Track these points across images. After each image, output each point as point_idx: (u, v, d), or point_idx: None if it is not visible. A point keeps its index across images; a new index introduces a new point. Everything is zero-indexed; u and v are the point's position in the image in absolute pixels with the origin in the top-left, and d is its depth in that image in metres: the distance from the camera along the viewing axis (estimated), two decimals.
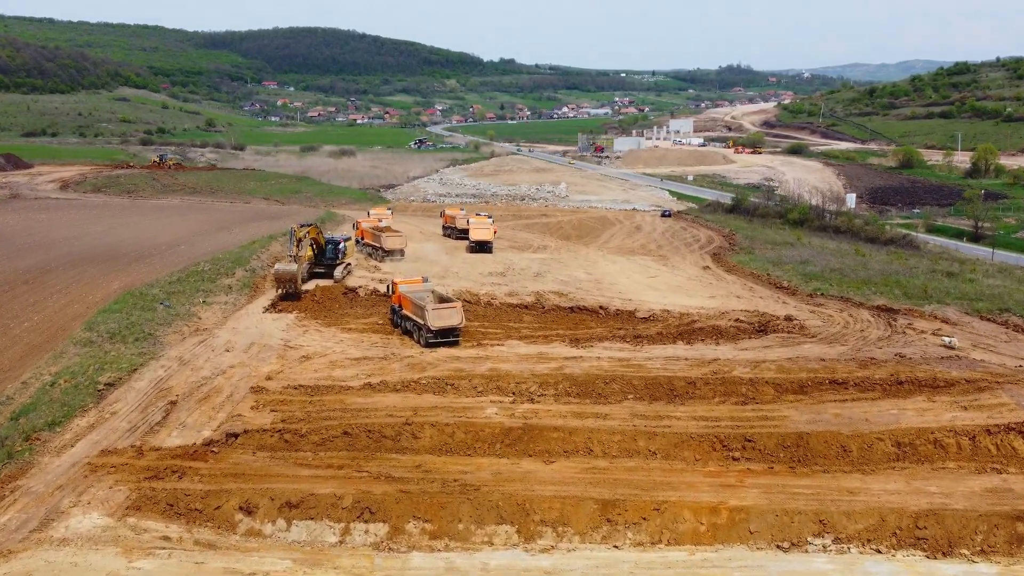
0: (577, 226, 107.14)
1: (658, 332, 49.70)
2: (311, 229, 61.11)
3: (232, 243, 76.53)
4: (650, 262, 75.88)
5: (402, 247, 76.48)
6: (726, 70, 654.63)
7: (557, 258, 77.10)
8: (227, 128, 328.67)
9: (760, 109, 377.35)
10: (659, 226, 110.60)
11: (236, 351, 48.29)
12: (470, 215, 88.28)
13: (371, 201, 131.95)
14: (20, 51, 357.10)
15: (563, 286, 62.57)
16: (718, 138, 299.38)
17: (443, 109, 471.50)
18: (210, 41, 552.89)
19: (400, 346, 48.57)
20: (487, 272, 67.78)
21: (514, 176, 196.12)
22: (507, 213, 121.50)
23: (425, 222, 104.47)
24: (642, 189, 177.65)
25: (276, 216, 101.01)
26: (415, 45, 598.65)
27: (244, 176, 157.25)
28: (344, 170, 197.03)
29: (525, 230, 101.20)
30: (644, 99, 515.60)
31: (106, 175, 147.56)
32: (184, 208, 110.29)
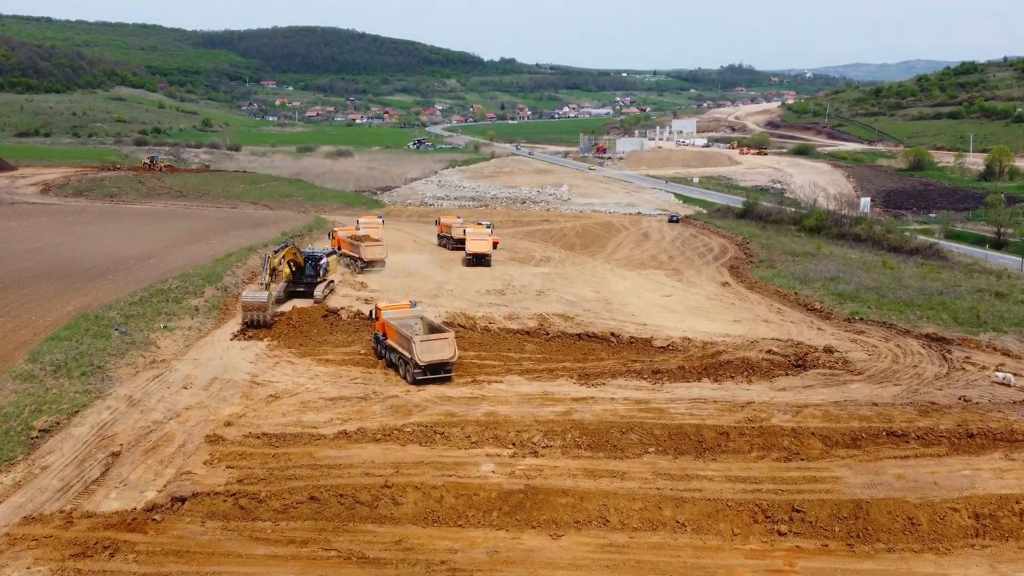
0: (581, 233, 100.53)
1: (679, 366, 43.04)
2: (288, 249, 54.42)
3: (208, 255, 69.95)
4: (663, 277, 69.19)
5: (383, 257, 70.32)
6: (728, 70, 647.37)
7: (561, 273, 70.49)
8: (224, 128, 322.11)
9: (764, 109, 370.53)
10: (668, 233, 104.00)
11: (195, 388, 41.75)
12: (467, 224, 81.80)
13: (365, 205, 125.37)
14: (15, 50, 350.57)
15: (569, 307, 55.95)
16: (722, 139, 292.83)
17: (443, 109, 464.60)
18: (208, 40, 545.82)
19: (383, 382, 41.97)
20: (485, 290, 61.18)
21: (514, 178, 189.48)
22: (507, 219, 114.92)
23: (420, 229, 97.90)
24: (646, 192, 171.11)
25: (261, 223, 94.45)
26: (415, 44, 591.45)
27: (234, 179, 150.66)
28: (340, 171, 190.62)
29: (526, 238, 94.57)
30: (646, 99, 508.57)
31: (91, 178, 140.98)
32: (165, 214, 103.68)
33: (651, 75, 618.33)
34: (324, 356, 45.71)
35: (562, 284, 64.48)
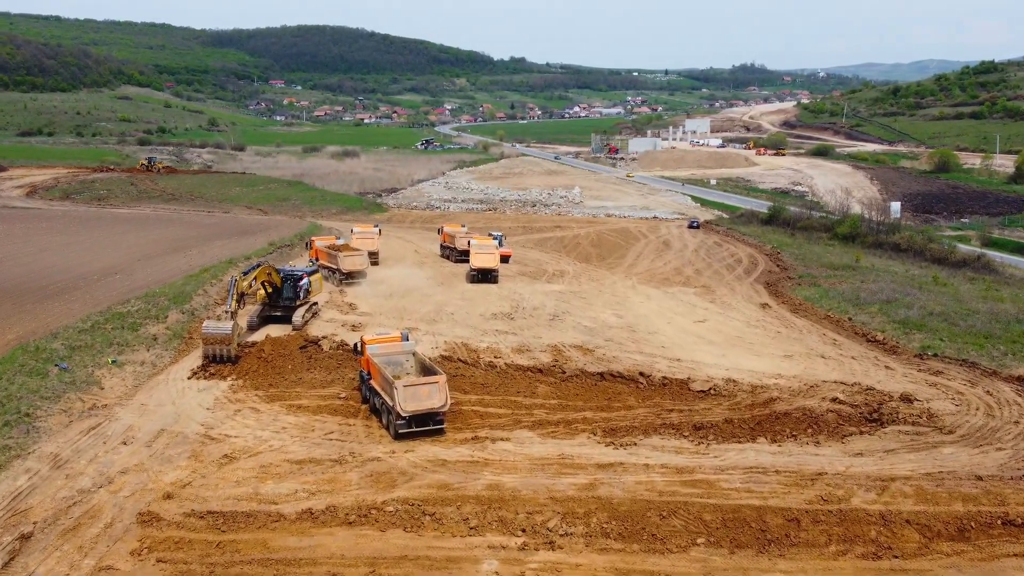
0: (597, 242, 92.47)
1: (726, 418, 34.99)
2: (260, 270, 46.45)
3: (182, 269, 62.24)
4: (693, 297, 60.98)
5: (363, 268, 63.26)
6: (739, 69, 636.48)
7: (577, 291, 62.40)
8: (229, 128, 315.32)
9: (779, 109, 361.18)
10: (689, 241, 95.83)
11: (137, 444, 34.03)
12: (472, 235, 73.96)
13: (366, 210, 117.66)
14: (20, 48, 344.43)
15: (588, 335, 47.95)
16: (736, 139, 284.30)
17: (452, 108, 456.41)
18: (217, 39, 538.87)
19: (364, 438, 34.09)
20: (491, 313, 53.19)
21: (524, 179, 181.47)
22: (516, 224, 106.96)
23: (423, 238, 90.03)
24: (662, 194, 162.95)
25: (251, 231, 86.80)
26: (425, 44, 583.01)
27: (232, 181, 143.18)
28: (345, 172, 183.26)
29: (537, 248, 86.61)
30: (657, 98, 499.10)
31: (81, 179, 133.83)
32: (150, 220, 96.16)
33: (662, 74, 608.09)
34: (296, 401, 37.84)
35: (579, 306, 56.43)
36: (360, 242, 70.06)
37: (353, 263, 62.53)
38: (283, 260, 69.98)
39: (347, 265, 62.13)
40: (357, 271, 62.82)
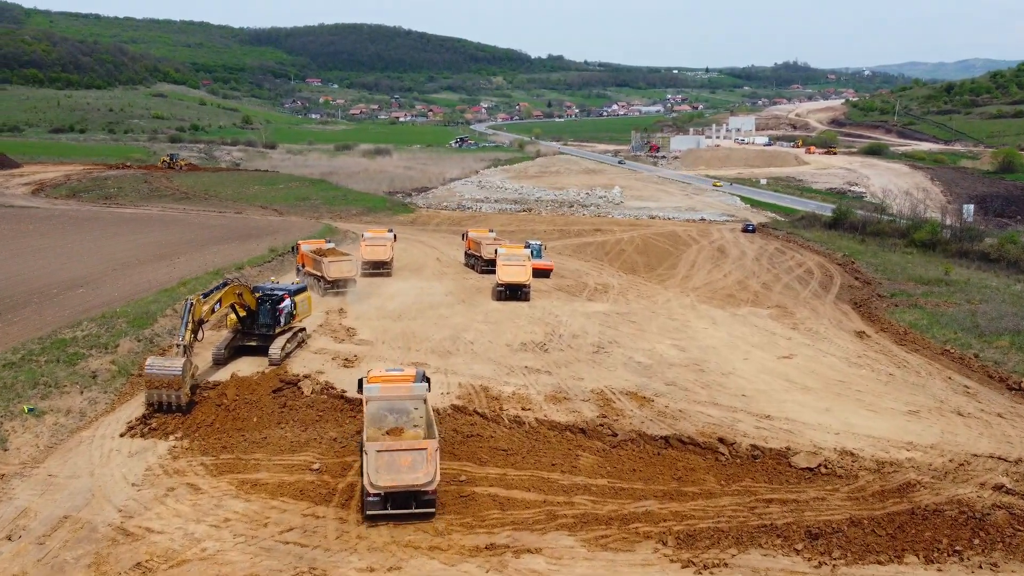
0: (643, 248, 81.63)
1: (851, 518, 24.15)
2: (227, 291, 35.97)
3: (159, 281, 52.67)
4: (768, 321, 49.62)
5: (351, 275, 54.22)
6: (782, 67, 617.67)
7: (626, 312, 51.26)
8: (262, 126, 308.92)
9: (827, 106, 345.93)
10: (747, 247, 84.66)
11: (26, 539, 24.19)
12: (500, 241, 63.48)
13: (389, 210, 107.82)
14: (57, 46, 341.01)
15: (643, 377, 37.17)
16: (783, 137, 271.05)
17: (489, 107, 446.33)
18: (255, 38, 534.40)
19: (333, 542, 23.78)
20: (519, 342, 42.54)
21: (561, 178, 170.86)
22: (552, 227, 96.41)
23: (449, 242, 79.81)
24: (708, 194, 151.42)
25: (256, 233, 77.27)
26: (462, 42, 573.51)
27: (252, 179, 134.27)
28: (376, 171, 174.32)
29: (575, 255, 75.98)
30: (698, 96, 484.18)
31: (93, 177, 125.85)
32: (151, 221, 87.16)
33: (703, 72, 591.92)
34: (253, 473, 27.68)
35: (629, 333, 45.47)
36: (370, 249, 59.96)
37: (339, 270, 52.98)
38: (283, 270, 60.16)
39: (333, 272, 52.59)
40: (344, 279, 53.42)
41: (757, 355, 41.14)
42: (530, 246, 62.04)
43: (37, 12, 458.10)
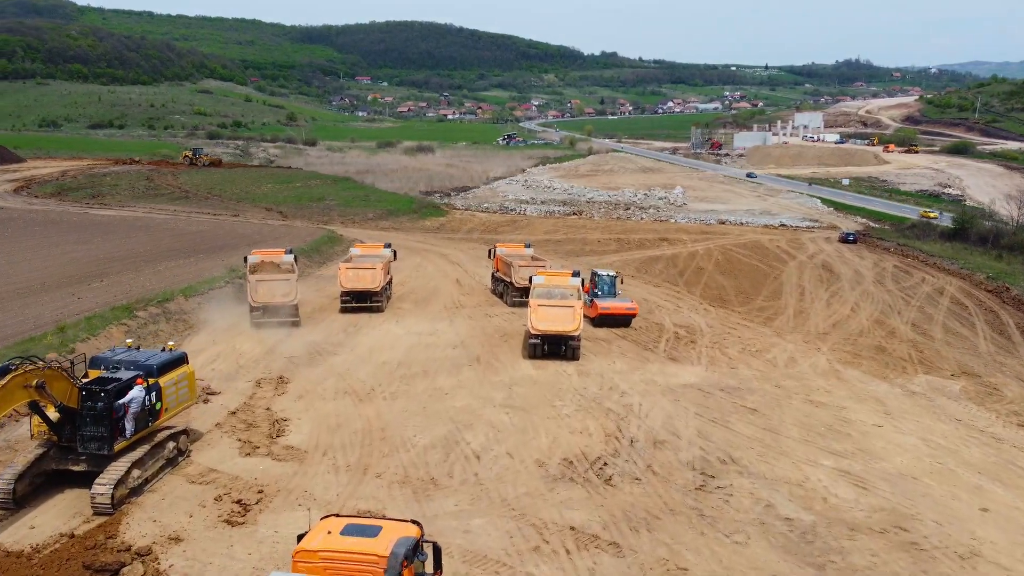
0: (725, 264, 62.50)
1: None
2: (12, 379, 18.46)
3: (40, 322, 35.27)
4: (972, 407, 29.67)
5: (287, 301, 38.54)
6: (843, 64, 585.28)
7: (735, 388, 31.25)
8: (307, 123, 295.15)
9: (899, 103, 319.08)
10: (858, 264, 65.17)
11: None
12: (539, 263, 45.12)
13: (416, 213, 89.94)
14: (103, 41, 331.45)
15: (803, 562, 18.44)
16: (856, 135, 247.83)
17: (539, 104, 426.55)
18: (306, 35, 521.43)
19: None
20: (559, 458, 23.50)
21: (615, 177, 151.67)
22: (607, 235, 77.95)
23: (478, 256, 61.51)
24: (783, 196, 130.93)
25: (231, 244, 59.93)
26: (513, 39, 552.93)
27: (268, 177, 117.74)
28: (415, 169, 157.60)
29: (640, 274, 57.17)
30: (757, 93, 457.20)
31: (92, 173, 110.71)
32: (121, 226, 70.71)
33: (762, 69, 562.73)
34: None
35: (751, 436, 25.63)
36: (352, 274, 41.63)
37: (268, 292, 36.31)
38: (233, 299, 42.23)
39: (260, 295, 36.20)
40: (274, 304, 37.39)
41: (998, 496, 21.82)
42: (599, 277, 44.30)
43: (90, 9, 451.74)
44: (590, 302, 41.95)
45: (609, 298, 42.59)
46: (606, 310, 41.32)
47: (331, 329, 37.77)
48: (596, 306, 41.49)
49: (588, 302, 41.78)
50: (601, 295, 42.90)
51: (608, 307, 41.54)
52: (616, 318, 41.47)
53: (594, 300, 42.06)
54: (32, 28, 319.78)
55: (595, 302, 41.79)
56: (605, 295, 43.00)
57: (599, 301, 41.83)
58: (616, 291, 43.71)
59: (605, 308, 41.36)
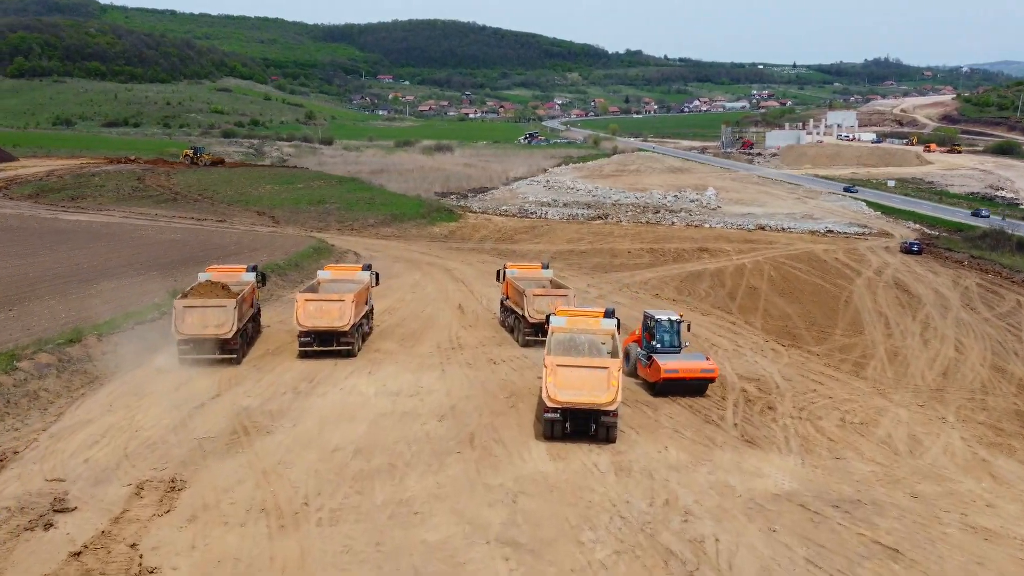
0: (781, 282, 52.09)
1: None
2: None
3: None
4: None
5: (222, 334, 30.65)
6: (872, 63, 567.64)
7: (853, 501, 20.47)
8: (325, 122, 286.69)
9: (935, 102, 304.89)
10: (935, 282, 54.65)
11: None
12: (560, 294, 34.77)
13: (424, 217, 79.98)
14: (122, 38, 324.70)
15: None
16: (891, 134, 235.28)
17: (563, 103, 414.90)
18: (328, 34, 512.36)
19: None
20: None
21: (642, 178, 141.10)
22: (640, 245, 67.74)
23: (489, 271, 51.27)
24: (823, 198, 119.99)
25: (199, 258, 50.16)
26: (536, 37, 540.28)
27: (269, 177, 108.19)
28: (431, 168, 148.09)
29: (684, 294, 46.91)
30: (785, 92, 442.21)
31: (81, 173, 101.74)
32: (85, 234, 61.34)
33: (791, 68, 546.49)
34: None
35: None
36: (313, 309, 31.27)
37: (197, 322, 29.82)
38: (163, 337, 32.25)
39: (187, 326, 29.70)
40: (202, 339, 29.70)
41: None
42: (657, 324, 31.28)
43: (113, 8, 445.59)
44: (646, 359, 30.45)
45: (674, 355, 30.35)
46: (672, 373, 28.97)
47: (277, 385, 27.72)
48: (657, 367, 29.27)
49: (643, 358, 30.75)
50: (661, 348, 30.66)
51: (675, 369, 29.06)
52: (687, 384, 29.37)
53: (652, 357, 29.97)
54: (50, 25, 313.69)
55: (655, 360, 29.60)
56: (666, 348, 30.73)
57: (661, 360, 29.46)
58: (682, 341, 31.49)
59: (671, 371, 28.99)
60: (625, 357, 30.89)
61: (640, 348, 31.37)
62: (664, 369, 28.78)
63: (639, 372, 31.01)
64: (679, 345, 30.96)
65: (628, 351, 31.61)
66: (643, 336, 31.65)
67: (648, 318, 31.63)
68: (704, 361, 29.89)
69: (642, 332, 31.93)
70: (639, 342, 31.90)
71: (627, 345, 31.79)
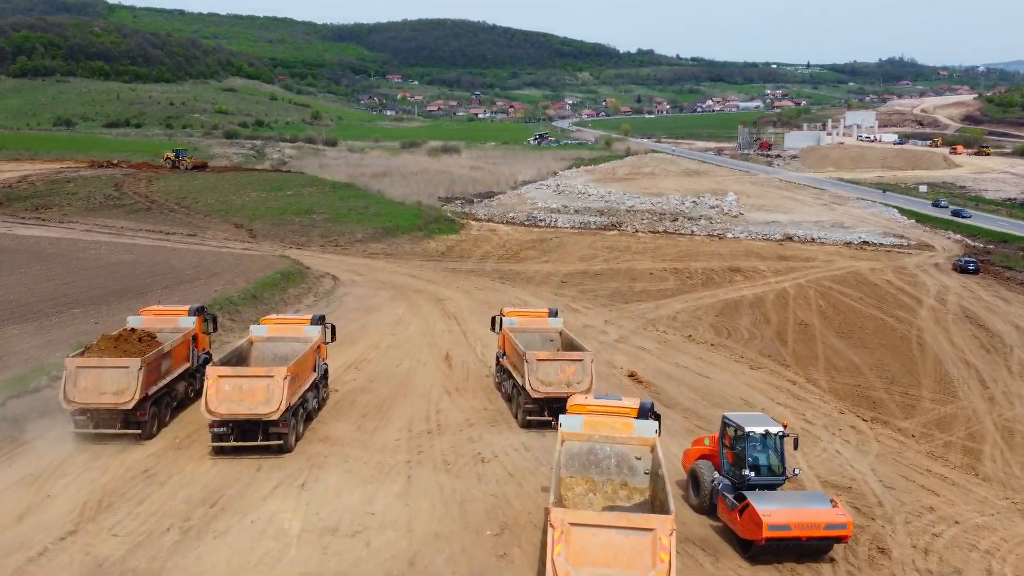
0: (835, 317, 43.40)
1: None
2: None
3: None
4: None
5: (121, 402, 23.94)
6: (887, 63, 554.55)
7: None
8: (333, 122, 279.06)
9: (956, 102, 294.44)
10: (1014, 316, 45.74)
11: None
12: (567, 359, 25.38)
13: (421, 230, 71.32)
14: (127, 38, 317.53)
15: None
16: (913, 134, 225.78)
17: (573, 103, 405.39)
18: (337, 34, 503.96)
19: None
20: None
21: (657, 181, 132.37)
22: (662, 264, 59.07)
23: (488, 301, 42.76)
24: (852, 204, 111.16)
25: (147, 286, 41.80)
26: (547, 36, 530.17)
27: (255, 183, 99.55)
28: (437, 171, 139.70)
29: (719, 334, 38.07)
30: (799, 92, 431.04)
31: (56, 179, 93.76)
32: (28, 254, 52.81)
33: (804, 67, 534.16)
34: None
35: None
36: (232, 388, 22.54)
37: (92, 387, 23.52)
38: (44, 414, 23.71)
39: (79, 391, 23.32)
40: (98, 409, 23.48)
41: None
42: (749, 438, 20.35)
43: (121, 7, 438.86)
44: (734, 498, 19.67)
45: (776, 491, 20.03)
46: (782, 531, 18.22)
47: (164, 512, 18.73)
48: (755, 517, 18.39)
49: (727, 494, 20.01)
50: (755, 479, 19.98)
51: (785, 524, 18.25)
52: (802, 546, 18.62)
53: (746, 498, 19.09)
54: (54, 25, 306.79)
55: (751, 506, 18.66)
56: (763, 477, 20.14)
57: (760, 504, 18.61)
58: (787, 467, 20.77)
59: (780, 526, 18.19)
60: (692, 483, 21.35)
61: (719, 473, 20.90)
62: (768, 524, 18.02)
63: (720, 513, 20.26)
64: (783, 473, 20.45)
65: (696, 473, 21.33)
66: (723, 453, 21.07)
67: (732, 428, 20.84)
68: (828, 508, 18.84)
69: (720, 446, 21.27)
70: (713, 458, 21.44)
71: (695, 463, 21.66)
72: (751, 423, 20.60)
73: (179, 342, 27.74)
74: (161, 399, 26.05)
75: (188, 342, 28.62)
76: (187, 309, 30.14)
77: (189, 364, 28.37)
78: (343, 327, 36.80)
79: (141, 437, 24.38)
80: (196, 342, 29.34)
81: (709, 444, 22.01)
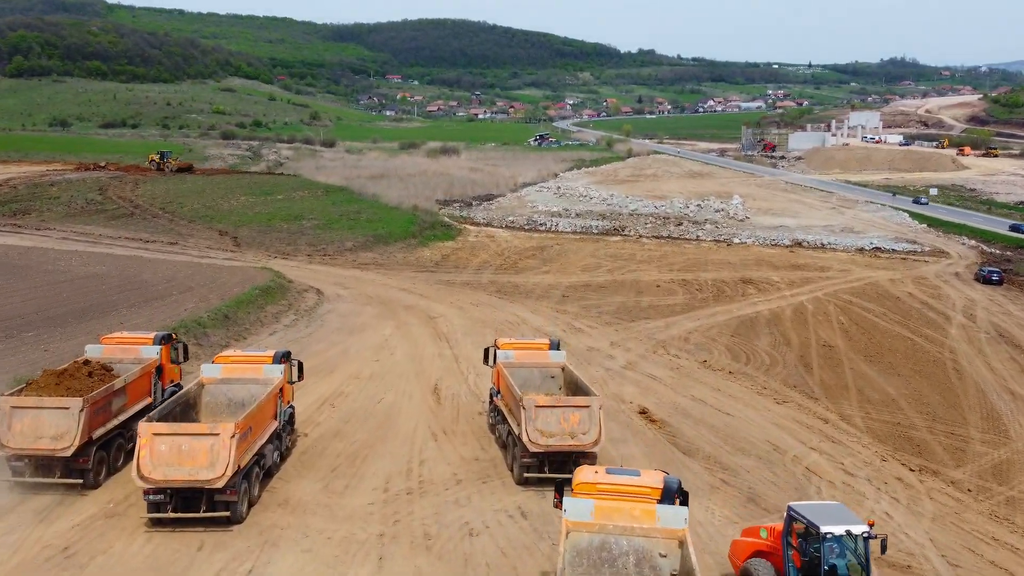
0: (860, 336, 39.95)
1: None
2: None
3: None
4: None
5: (60, 448, 20.95)
6: (889, 63, 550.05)
7: None
8: (331, 123, 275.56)
9: (960, 102, 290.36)
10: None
11: None
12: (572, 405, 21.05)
13: (416, 236, 67.70)
14: (124, 37, 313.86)
15: None
16: (918, 135, 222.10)
17: (574, 103, 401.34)
18: (337, 34, 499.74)
19: None
20: None
21: (660, 183, 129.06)
22: (669, 276, 55.59)
23: (485, 319, 39.18)
24: (860, 207, 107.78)
25: (112, 304, 38.34)
26: (548, 36, 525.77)
27: (245, 186, 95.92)
28: (435, 173, 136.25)
29: (735, 358, 34.51)
30: (801, 92, 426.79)
31: (38, 182, 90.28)
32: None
33: (806, 67, 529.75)
34: None
35: None
36: (168, 449, 18.51)
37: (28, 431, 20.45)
38: None
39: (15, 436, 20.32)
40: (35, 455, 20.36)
41: None
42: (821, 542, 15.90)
43: (120, 7, 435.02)
44: None
45: None
46: None
47: None
48: None
49: None
50: None
51: None
52: None
53: None
54: (51, 24, 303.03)
55: None
56: None
57: None
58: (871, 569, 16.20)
59: None
60: None
61: None
62: None
63: None
64: None
65: (750, 573, 16.93)
66: (788, 555, 16.79)
67: (801, 522, 16.64)
68: None
69: (785, 545, 16.93)
70: (771, 557, 17.04)
71: (747, 562, 17.16)
72: (827, 520, 16.23)
73: (136, 376, 24.31)
74: (111, 442, 22.69)
75: (149, 375, 25.21)
76: (152, 337, 26.64)
77: (151, 400, 24.92)
78: (322, 351, 33.11)
79: (83, 487, 21.24)
80: (161, 374, 25.92)
81: (767, 538, 17.55)
